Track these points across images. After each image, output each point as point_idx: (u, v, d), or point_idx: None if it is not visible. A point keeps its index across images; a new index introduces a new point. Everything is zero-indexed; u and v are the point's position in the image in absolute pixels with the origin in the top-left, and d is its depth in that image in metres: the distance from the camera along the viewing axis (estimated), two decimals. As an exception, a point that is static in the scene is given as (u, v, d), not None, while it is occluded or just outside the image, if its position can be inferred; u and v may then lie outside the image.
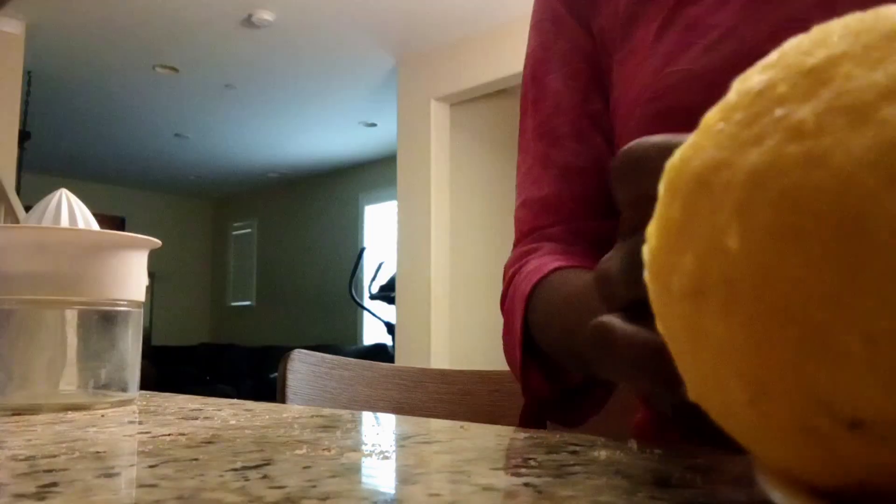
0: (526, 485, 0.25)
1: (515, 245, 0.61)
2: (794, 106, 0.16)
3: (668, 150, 0.20)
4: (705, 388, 0.19)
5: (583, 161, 0.58)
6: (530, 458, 0.31)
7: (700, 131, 0.18)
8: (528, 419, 0.55)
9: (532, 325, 0.51)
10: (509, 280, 0.57)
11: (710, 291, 0.17)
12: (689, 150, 0.18)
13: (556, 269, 0.51)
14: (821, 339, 0.15)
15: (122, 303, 0.53)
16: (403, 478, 0.28)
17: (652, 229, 0.19)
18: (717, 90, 0.19)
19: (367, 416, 0.47)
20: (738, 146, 0.17)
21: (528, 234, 0.60)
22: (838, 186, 0.15)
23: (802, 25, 0.18)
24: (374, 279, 5.24)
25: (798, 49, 0.17)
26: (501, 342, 0.57)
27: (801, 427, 0.16)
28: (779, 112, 0.16)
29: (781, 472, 0.19)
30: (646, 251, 0.20)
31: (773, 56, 0.18)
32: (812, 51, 0.17)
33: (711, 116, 0.18)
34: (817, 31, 0.17)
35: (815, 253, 0.15)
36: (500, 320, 0.57)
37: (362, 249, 5.99)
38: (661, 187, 0.19)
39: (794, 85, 0.16)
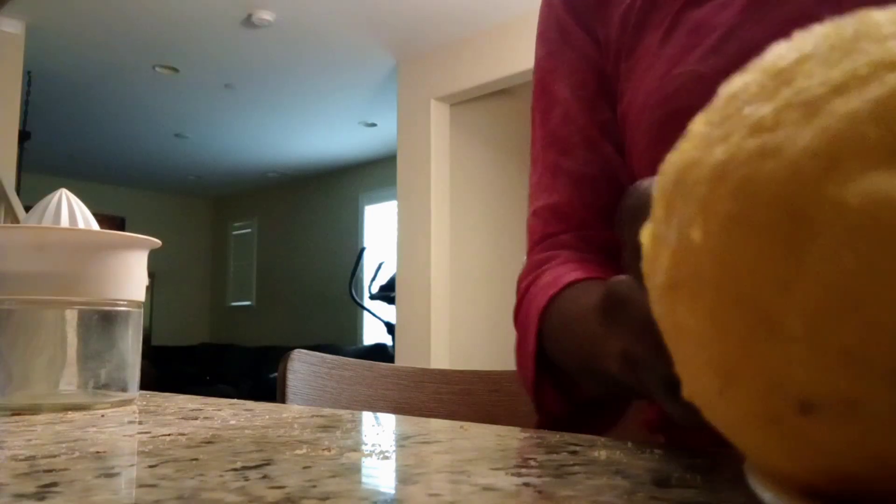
0: (526, 485, 0.25)
1: (528, 255, 0.60)
2: (758, 104, 0.17)
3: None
4: (689, 381, 0.19)
5: (593, 169, 0.57)
6: (530, 458, 0.31)
7: (687, 135, 0.19)
8: None
9: (547, 340, 0.50)
10: (523, 293, 0.56)
11: (681, 285, 0.18)
12: (675, 155, 0.19)
13: (572, 283, 0.49)
14: (771, 324, 0.15)
15: (122, 303, 0.53)
16: (403, 478, 0.28)
17: (644, 231, 0.20)
18: None
19: (367, 416, 0.47)
20: (708, 145, 0.17)
21: (540, 241, 0.59)
22: (785, 175, 0.15)
23: (806, 22, 0.18)
24: (374, 279, 5.24)
25: (776, 53, 0.18)
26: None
27: (765, 415, 0.16)
28: (746, 111, 0.17)
29: (761, 464, 0.19)
30: (643, 251, 0.20)
31: (758, 60, 0.18)
32: (787, 54, 0.17)
33: (697, 121, 0.19)
34: (799, 36, 0.18)
35: (764, 240, 0.15)
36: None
37: (362, 249, 5.99)
38: (654, 191, 0.20)
39: (763, 86, 0.17)
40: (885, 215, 0.14)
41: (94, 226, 0.57)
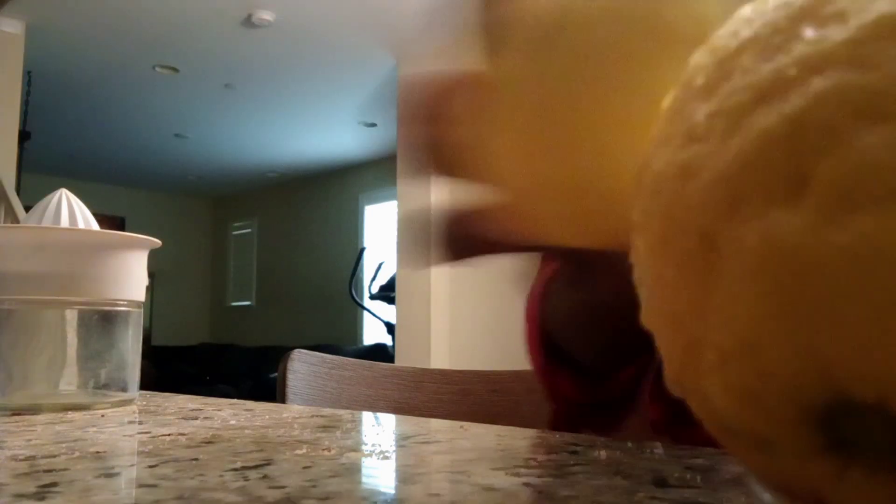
0: (526, 485, 0.25)
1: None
2: (698, 104, 0.15)
3: None
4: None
5: None
6: (530, 458, 0.31)
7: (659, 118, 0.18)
8: (560, 427, 0.53)
9: (548, 316, 0.49)
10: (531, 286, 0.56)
11: (640, 289, 0.17)
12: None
13: None
14: (696, 348, 0.15)
15: (122, 303, 0.53)
16: (403, 478, 0.28)
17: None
18: None
19: (367, 416, 0.47)
20: (655, 145, 0.17)
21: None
22: (701, 202, 0.14)
23: None
24: (374, 279, 5.24)
25: (733, 25, 0.16)
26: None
27: (713, 429, 0.16)
28: (689, 109, 0.16)
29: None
30: None
31: (722, 29, 0.17)
32: (738, 30, 0.15)
33: (665, 100, 0.18)
34: (759, 3, 0.16)
35: (684, 266, 0.15)
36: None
37: (362, 249, 5.99)
38: None
39: (708, 77, 0.16)
40: (775, 260, 0.13)
41: (94, 226, 0.57)
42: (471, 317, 4.32)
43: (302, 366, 0.80)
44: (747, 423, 0.15)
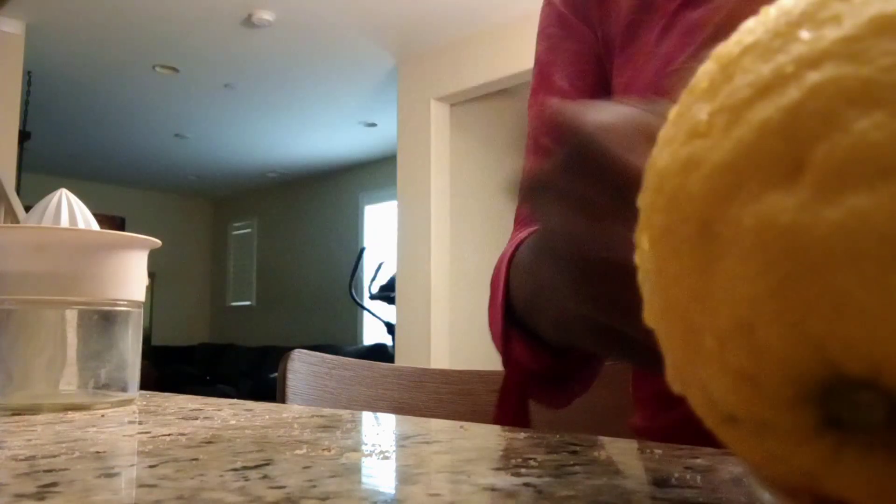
0: (526, 485, 0.25)
1: (512, 235, 0.61)
2: (701, 104, 0.16)
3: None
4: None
5: None
6: (530, 458, 0.31)
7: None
8: (508, 394, 0.54)
9: (511, 289, 0.49)
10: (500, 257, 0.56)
11: (643, 287, 0.18)
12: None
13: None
14: (697, 337, 0.15)
15: (122, 303, 0.53)
16: (403, 478, 0.28)
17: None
18: None
19: (367, 416, 0.47)
20: (660, 146, 0.17)
21: (523, 221, 0.59)
22: (702, 191, 0.15)
23: None
24: (374, 279, 5.24)
25: (737, 36, 0.17)
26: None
27: (711, 419, 0.16)
28: (692, 110, 0.16)
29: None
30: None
31: (725, 42, 0.17)
32: (741, 39, 0.16)
33: (672, 111, 0.18)
34: (763, 11, 0.17)
35: (684, 255, 0.15)
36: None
37: (362, 249, 5.99)
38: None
39: (712, 80, 0.16)
40: (769, 238, 0.13)
41: (94, 226, 0.57)
42: (471, 317, 4.31)
43: (302, 366, 0.80)
44: (745, 406, 0.15)
